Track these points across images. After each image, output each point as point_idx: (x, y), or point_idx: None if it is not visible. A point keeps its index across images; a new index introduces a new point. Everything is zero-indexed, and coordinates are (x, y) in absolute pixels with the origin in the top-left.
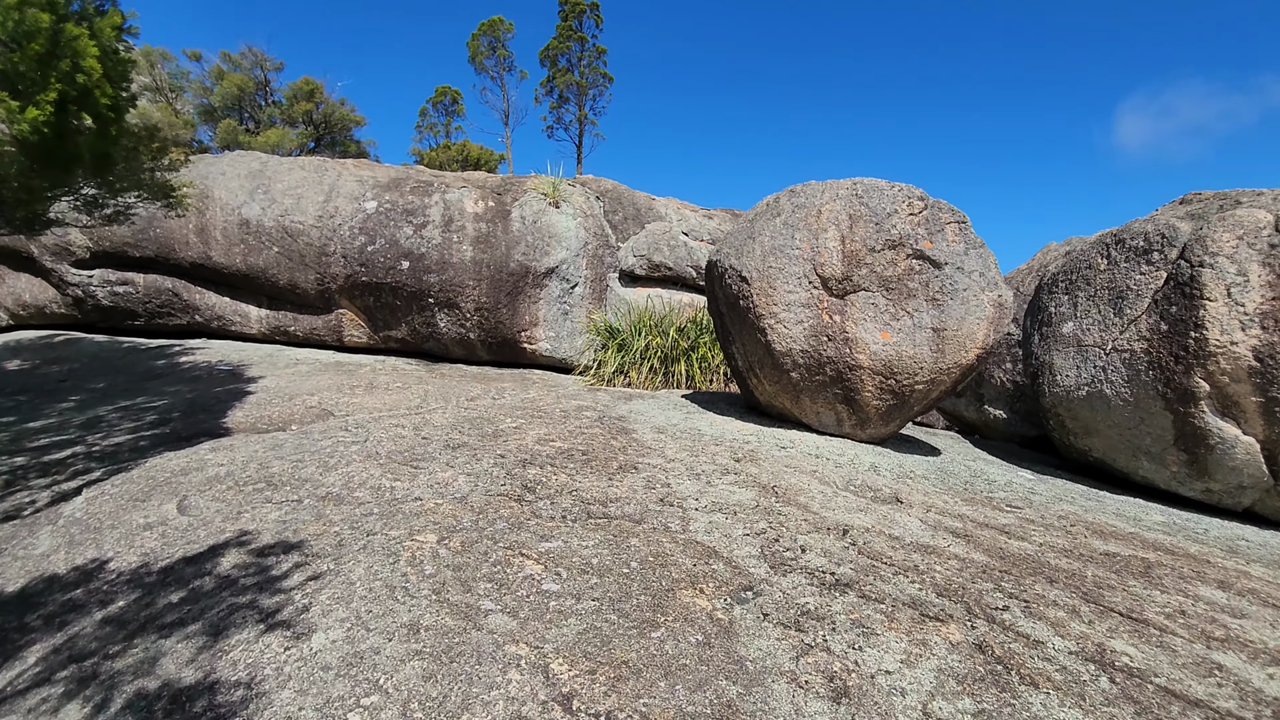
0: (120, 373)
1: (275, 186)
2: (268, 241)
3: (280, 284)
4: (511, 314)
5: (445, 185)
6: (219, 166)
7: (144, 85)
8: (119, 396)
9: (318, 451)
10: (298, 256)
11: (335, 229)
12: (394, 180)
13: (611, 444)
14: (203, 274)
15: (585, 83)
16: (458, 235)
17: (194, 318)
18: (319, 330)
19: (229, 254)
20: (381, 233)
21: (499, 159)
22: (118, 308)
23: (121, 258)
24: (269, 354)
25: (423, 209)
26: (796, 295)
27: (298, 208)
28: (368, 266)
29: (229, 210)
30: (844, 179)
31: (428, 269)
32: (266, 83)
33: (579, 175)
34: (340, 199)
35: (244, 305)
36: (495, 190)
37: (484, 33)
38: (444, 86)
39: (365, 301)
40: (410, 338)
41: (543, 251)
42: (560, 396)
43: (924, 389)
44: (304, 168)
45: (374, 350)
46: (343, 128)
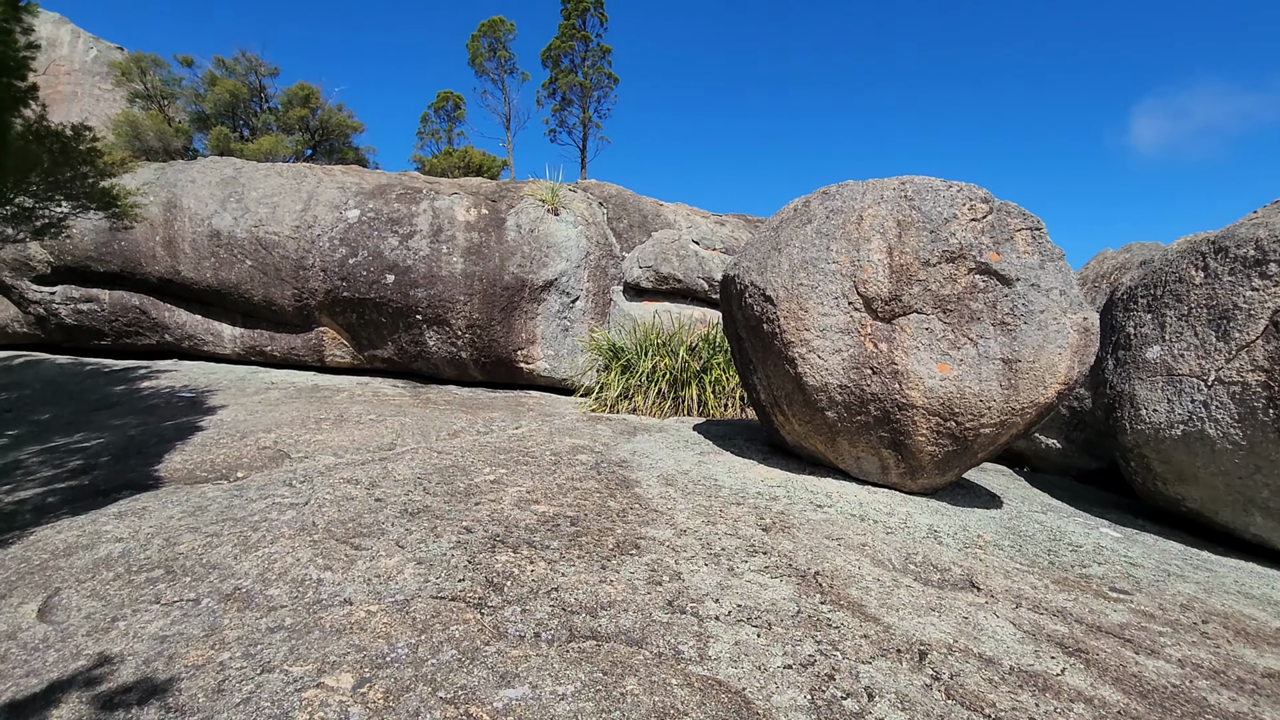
0: (71, 400)
1: (249, 195)
2: (240, 254)
3: (255, 300)
4: (506, 331)
5: (435, 192)
6: (188, 174)
7: (135, 92)
8: (57, 432)
9: (244, 519)
10: (273, 270)
11: (314, 240)
12: (379, 187)
13: (608, 505)
14: (172, 290)
15: (589, 84)
16: (447, 246)
17: (164, 337)
18: (298, 350)
19: (199, 268)
20: (364, 244)
21: (501, 164)
22: (82, 327)
23: (85, 273)
24: (241, 377)
25: (409, 218)
26: (833, 319)
27: (273, 218)
28: (349, 281)
29: (198, 221)
30: (889, 178)
31: (415, 283)
32: (261, 89)
33: (582, 180)
34: (319, 208)
35: (217, 324)
36: (489, 197)
37: (484, 34)
38: (446, 92)
39: (348, 319)
40: (398, 357)
41: (540, 263)
42: (555, 431)
43: (991, 433)
44: (281, 174)
45: (359, 371)
46: (340, 134)
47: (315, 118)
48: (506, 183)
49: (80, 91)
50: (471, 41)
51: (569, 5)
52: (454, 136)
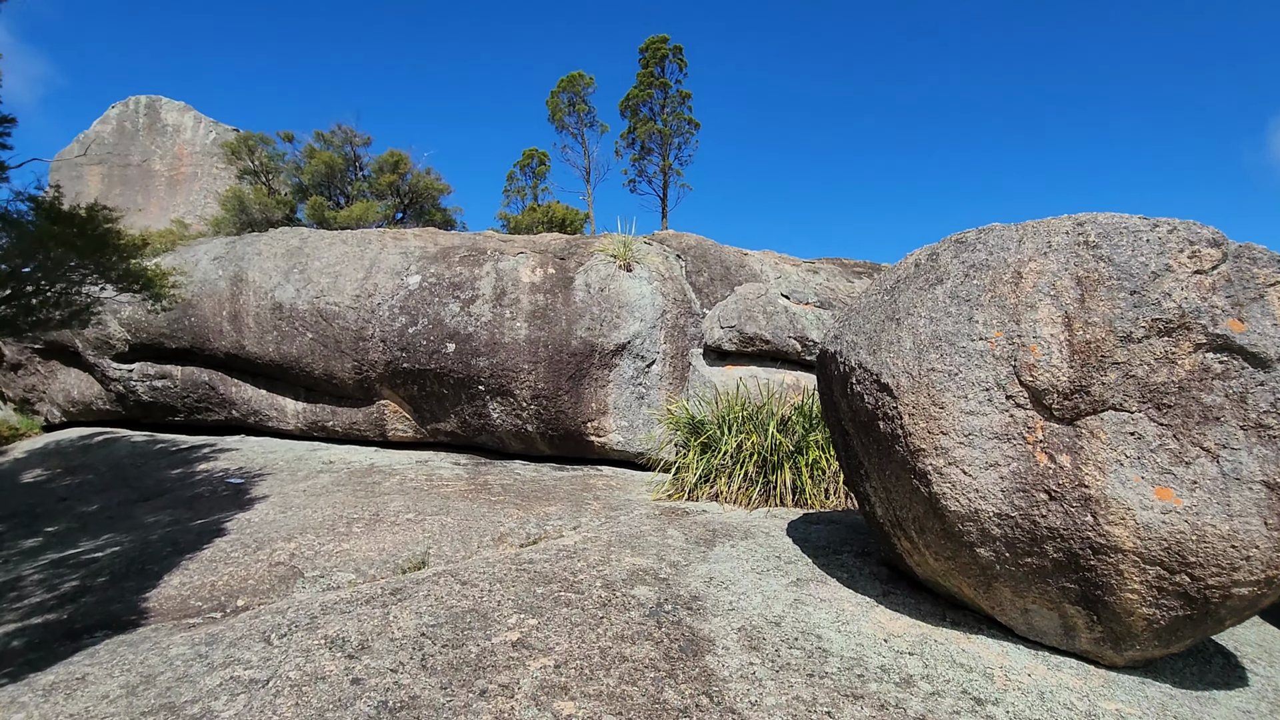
0: (125, 487)
1: (312, 265)
2: (301, 327)
3: (316, 374)
4: (575, 401)
5: (499, 253)
6: (256, 246)
7: (244, 169)
8: (86, 533)
9: (181, 709)
10: (333, 342)
11: (374, 309)
12: (444, 250)
13: (665, 699)
14: (238, 365)
15: (669, 130)
16: (511, 310)
17: (231, 413)
18: (359, 425)
19: (262, 342)
20: (424, 311)
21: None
22: (158, 403)
23: (159, 350)
24: (299, 457)
25: (471, 282)
26: (984, 419)
27: (334, 287)
28: (409, 351)
29: (262, 294)
30: (1054, 218)
31: (476, 351)
32: (356, 158)
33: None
34: (380, 275)
35: (280, 398)
36: (558, 255)
37: (563, 89)
38: (531, 150)
39: (409, 391)
40: (461, 431)
41: (611, 324)
42: (616, 539)
43: (1249, 594)
44: (345, 242)
45: (422, 445)
46: (429, 196)
47: (405, 182)
48: (578, 238)
49: (200, 171)
50: (551, 98)
51: (647, 54)
52: (539, 192)
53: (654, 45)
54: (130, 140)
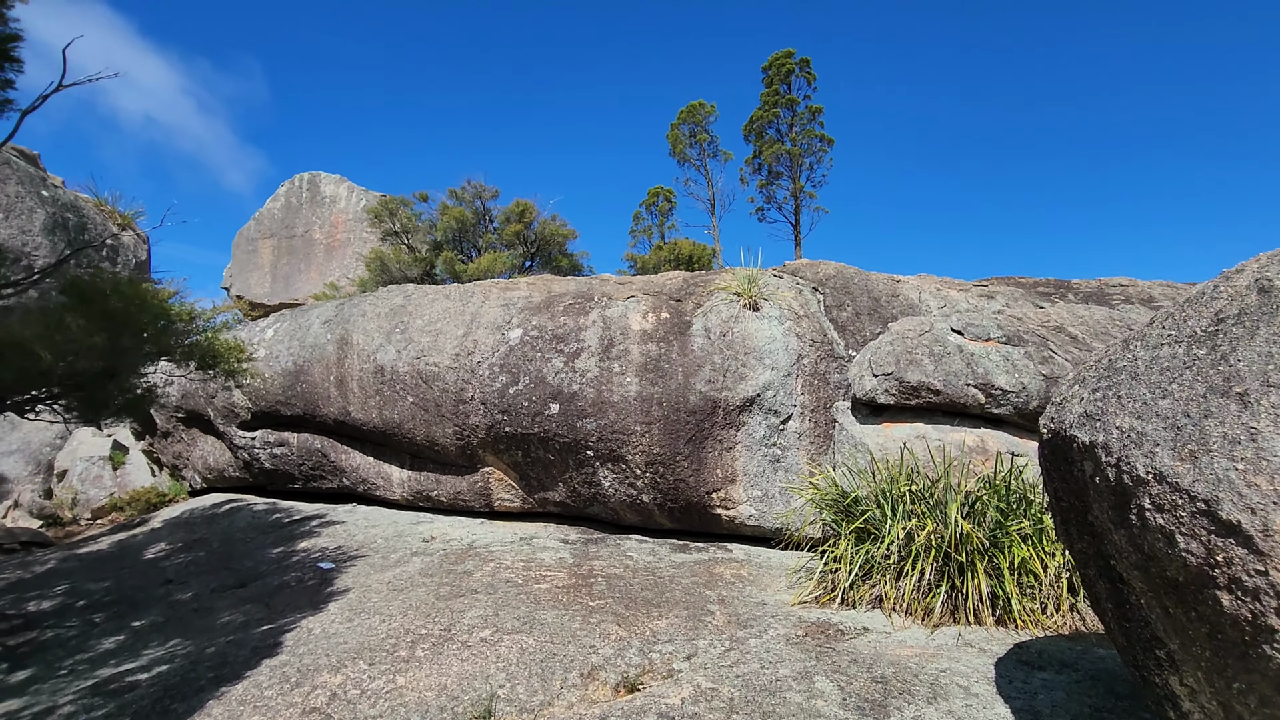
0: (226, 570)
1: (413, 324)
2: (402, 390)
3: (418, 440)
4: (696, 468)
5: (607, 298)
6: (361, 307)
7: (386, 230)
8: (160, 635)
9: None
10: (433, 406)
11: (473, 369)
12: (548, 300)
13: None
14: (345, 431)
15: (798, 151)
16: (619, 364)
17: (342, 481)
18: (464, 494)
19: (365, 408)
20: (525, 369)
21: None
22: (279, 470)
23: (276, 417)
24: (400, 533)
25: (576, 333)
26: None
27: (434, 346)
28: (511, 414)
29: (365, 357)
30: None
31: (582, 412)
32: (485, 211)
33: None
34: (480, 330)
35: (386, 466)
36: (672, 297)
37: (683, 120)
38: (657, 188)
39: (512, 457)
40: (570, 500)
41: (736, 375)
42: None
43: None
44: (449, 297)
45: (530, 515)
46: (555, 243)
47: (531, 231)
48: (695, 276)
49: (352, 237)
50: (671, 131)
51: (770, 71)
52: (665, 230)
53: (778, 61)
54: (295, 214)
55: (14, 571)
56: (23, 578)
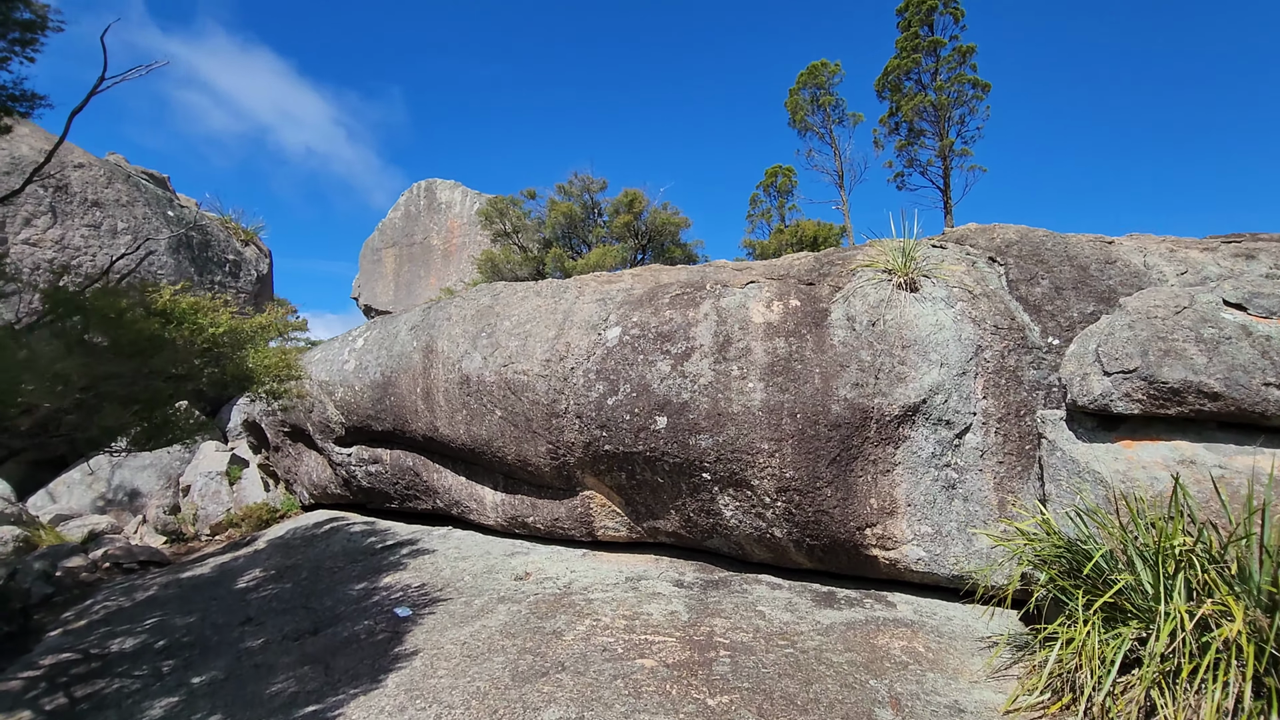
0: (304, 609)
1: (500, 327)
2: (489, 403)
3: (509, 459)
4: (843, 496)
5: (721, 286)
6: (446, 310)
7: (496, 231)
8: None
9: None
10: (523, 421)
11: (566, 376)
12: (652, 291)
13: None
14: (434, 448)
15: (946, 101)
16: (739, 366)
17: (435, 502)
18: (563, 522)
19: (452, 423)
20: (626, 375)
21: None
22: (375, 489)
23: (369, 433)
24: (488, 568)
25: (684, 329)
26: None
27: (523, 352)
28: (610, 429)
29: (450, 365)
30: None
31: (695, 426)
32: (594, 204)
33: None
34: (573, 331)
35: (479, 488)
36: (802, 280)
37: (804, 84)
38: (775, 167)
39: (615, 479)
40: (685, 530)
41: (892, 375)
42: None
43: None
44: (540, 293)
45: (638, 545)
46: (667, 233)
47: (641, 221)
48: (830, 254)
49: (468, 241)
50: (790, 98)
51: (907, 12)
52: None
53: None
54: (414, 221)
55: (120, 598)
56: (123, 606)
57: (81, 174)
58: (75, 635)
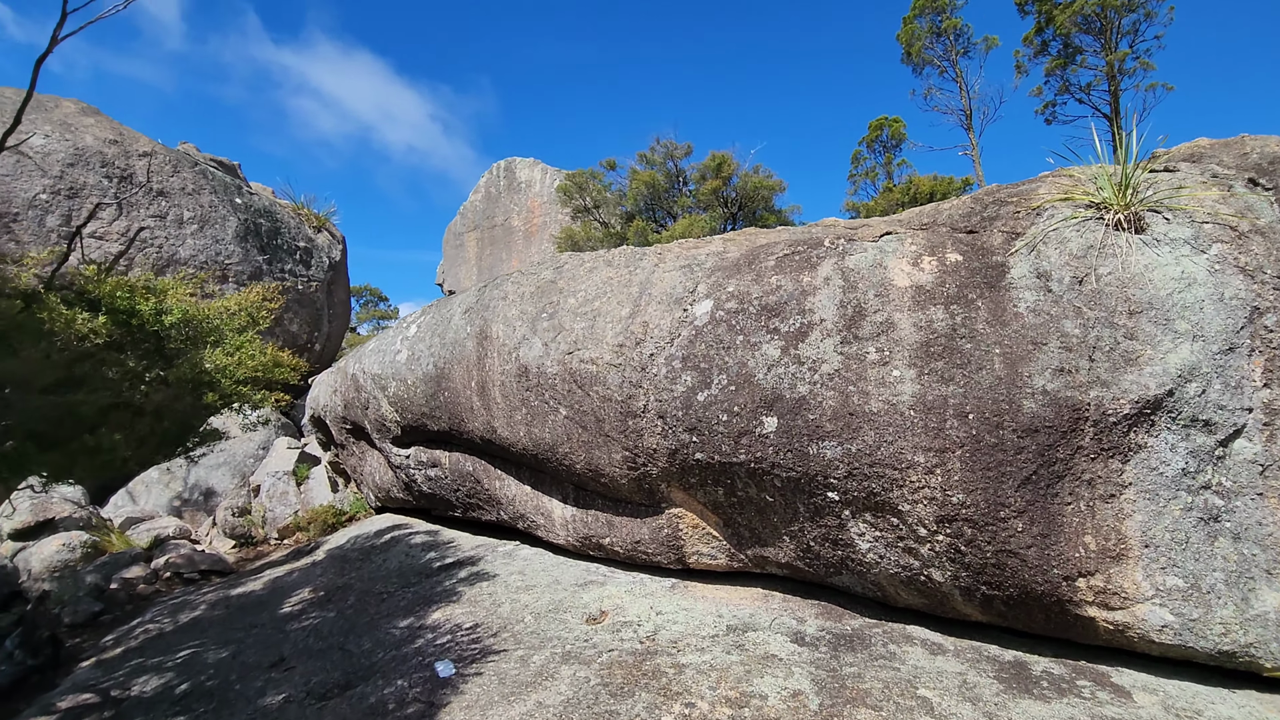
0: (343, 651)
1: (564, 305)
2: (553, 399)
3: (577, 469)
4: (1041, 531)
5: (845, 242)
6: (502, 288)
7: (576, 207)
8: None
9: None
10: (592, 422)
11: (644, 365)
12: (750, 253)
13: None
14: (494, 452)
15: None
16: (878, 346)
17: (499, 513)
18: (645, 545)
19: (511, 423)
20: (720, 361)
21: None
22: (435, 495)
23: (425, 432)
24: (553, 607)
25: (798, 300)
26: None
27: (591, 335)
28: (702, 432)
29: (505, 354)
30: None
31: (816, 429)
32: (679, 172)
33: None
34: (652, 307)
35: (546, 499)
36: (959, 227)
37: (920, 11)
38: (881, 118)
39: (710, 495)
40: (803, 562)
41: (1118, 354)
42: None
43: None
44: (611, 264)
45: (742, 576)
46: (759, 198)
47: (730, 187)
48: (998, 190)
49: (549, 220)
50: (904, 28)
51: None
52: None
53: None
54: (494, 203)
55: (166, 619)
56: (164, 631)
57: (147, 163)
58: (105, 668)
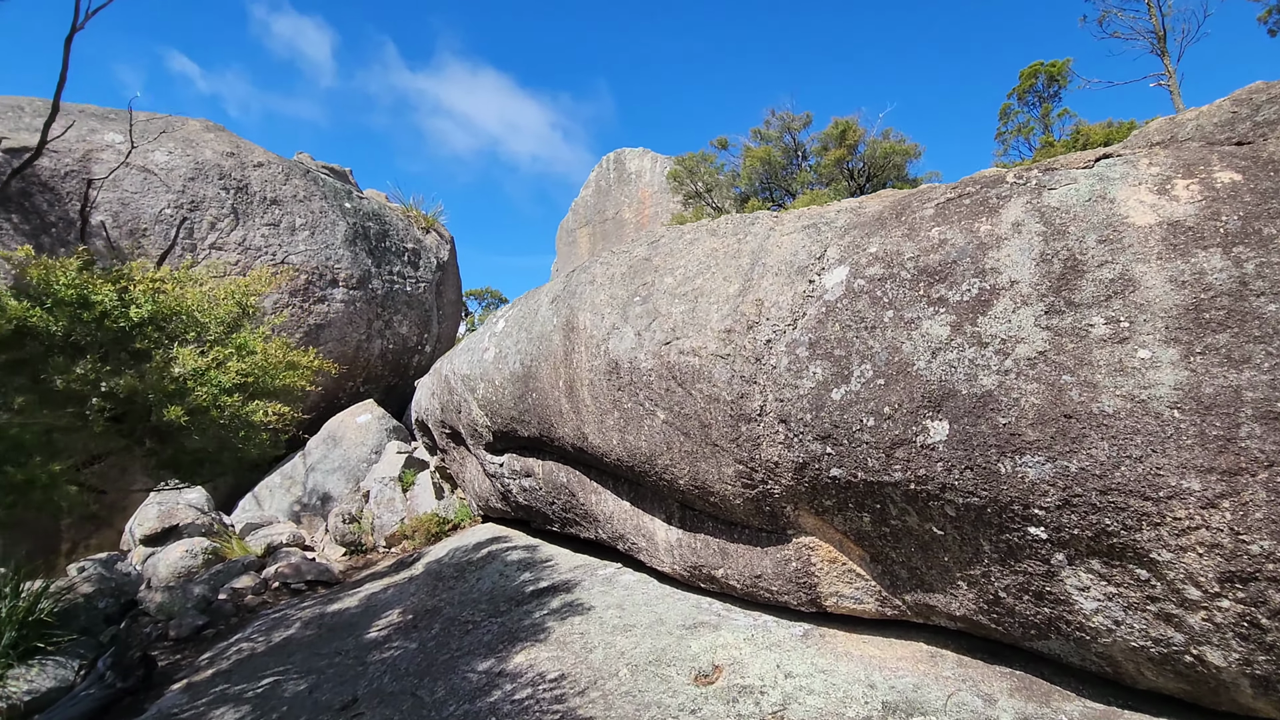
0: (415, 695)
1: (659, 286)
2: (648, 400)
3: (679, 484)
4: None
5: (1038, 173)
6: (590, 271)
7: (688, 194)
8: None
9: None
10: (696, 427)
11: (758, 354)
12: (896, 207)
13: None
14: (587, 461)
15: None
16: (1109, 314)
17: (597, 531)
18: (767, 580)
19: (602, 428)
20: (860, 346)
21: None
22: (531, 507)
23: (516, 438)
24: (655, 655)
25: (973, 255)
26: None
27: (691, 320)
28: (838, 440)
29: (593, 347)
30: None
31: (1012, 440)
32: (798, 146)
33: None
34: (768, 281)
35: (647, 519)
36: (1221, 139)
37: None
38: (1035, 64)
39: (852, 522)
40: (988, 618)
41: None
42: None
43: None
44: (716, 232)
45: (897, 626)
46: (891, 166)
47: (856, 156)
48: (1265, 86)
49: (660, 210)
50: None
51: None
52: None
53: None
54: (605, 196)
55: (261, 638)
56: (255, 652)
57: (260, 173)
58: (191, 694)
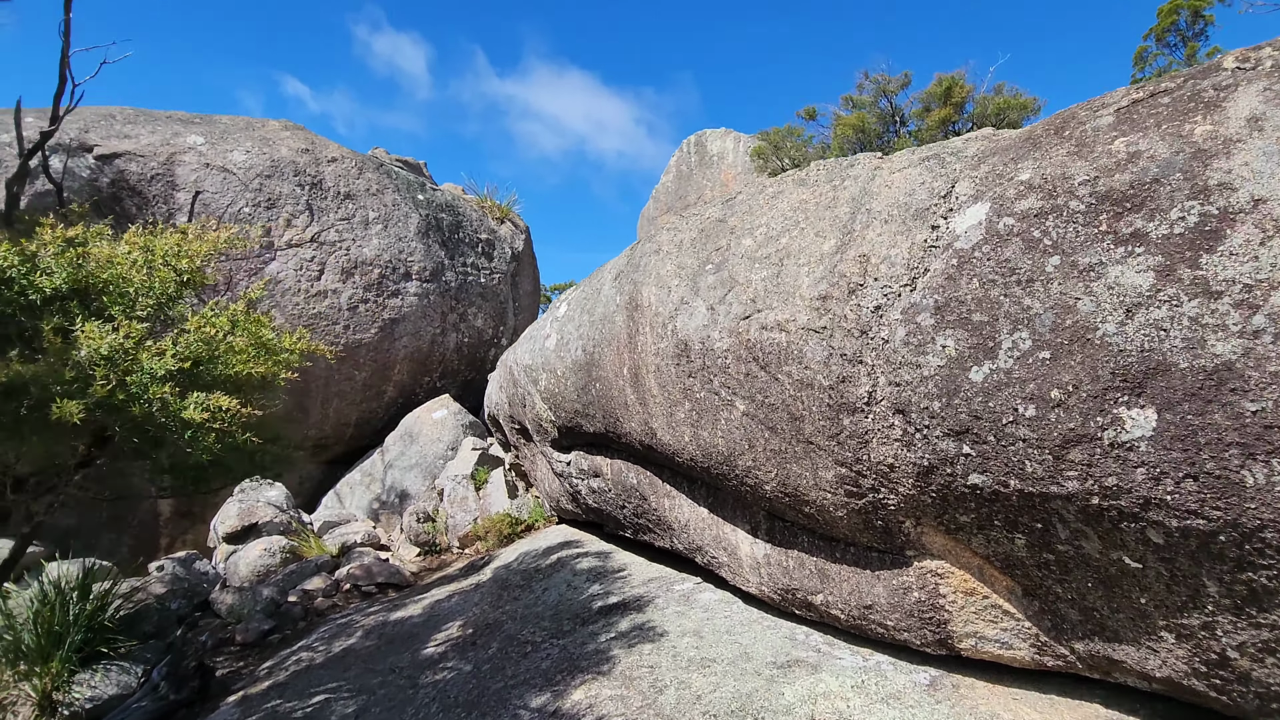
0: None
1: (736, 250)
2: (723, 387)
3: (765, 489)
4: None
5: (1272, 55)
6: (655, 241)
7: (774, 171)
8: None
9: None
10: (784, 420)
11: (864, 325)
12: (1052, 123)
13: None
14: (657, 459)
15: None
16: None
17: (672, 540)
18: (880, 611)
19: (671, 422)
20: (1010, 308)
21: None
22: (602, 510)
23: (581, 434)
24: (735, 705)
25: (1185, 170)
26: None
27: (775, 287)
28: (980, 436)
29: (659, 326)
30: None
31: (1267, 438)
32: (894, 110)
33: None
34: (874, 230)
35: (728, 529)
36: None
37: None
38: (1172, 2)
39: (998, 544)
40: (1207, 683)
41: None
42: None
43: None
44: (806, 182)
45: (1065, 679)
46: (1007, 124)
47: (964, 116)
48: None
49: None
50: None
51: None
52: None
53: None
54: (686, 181)
55: (321, 645)
56: (313, 663)
57: (334, 168)
58: (245, 708)
